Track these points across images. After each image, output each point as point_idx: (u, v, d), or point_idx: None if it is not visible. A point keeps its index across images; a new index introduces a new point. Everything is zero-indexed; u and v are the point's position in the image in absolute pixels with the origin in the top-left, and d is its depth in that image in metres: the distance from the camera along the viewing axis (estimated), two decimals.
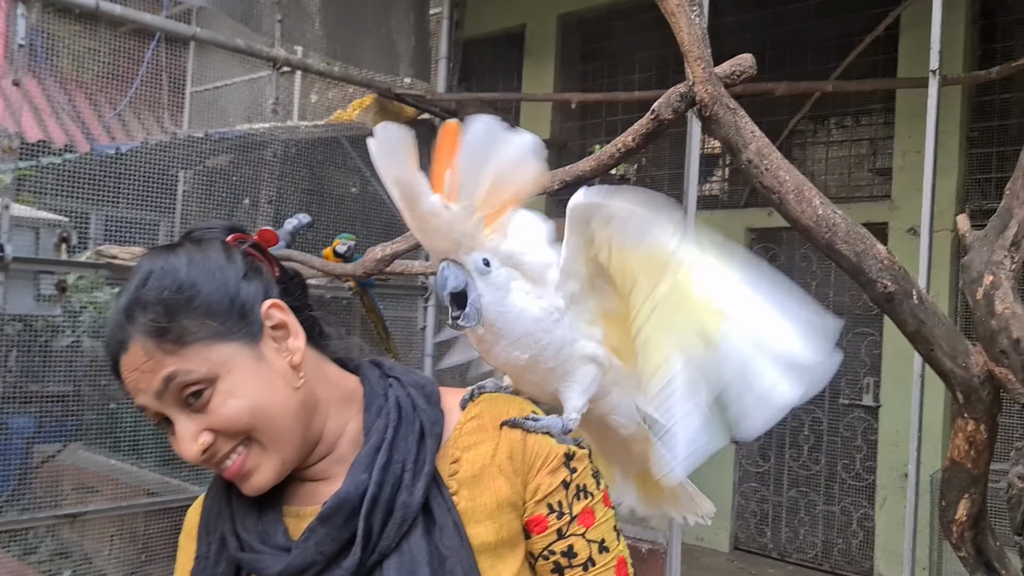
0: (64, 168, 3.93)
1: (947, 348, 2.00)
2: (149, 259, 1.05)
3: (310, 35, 5.03)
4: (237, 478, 1.04)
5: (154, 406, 1.01)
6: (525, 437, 1.09)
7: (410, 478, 1.04)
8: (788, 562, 6.15)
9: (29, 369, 3.86)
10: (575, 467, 1.10)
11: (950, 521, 2.22)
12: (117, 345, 1.01)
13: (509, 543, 1.07)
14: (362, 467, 1.04)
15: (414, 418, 1.09)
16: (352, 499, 1.02)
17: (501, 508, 1.07)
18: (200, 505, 1.17)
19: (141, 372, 1.00)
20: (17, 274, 3.73)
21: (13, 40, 3.54)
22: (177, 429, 1.01)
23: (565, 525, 1.08)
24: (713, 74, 1.98)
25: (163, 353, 0.99)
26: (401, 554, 1.01)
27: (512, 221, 1.11)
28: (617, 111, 7.11)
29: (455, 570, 1.01)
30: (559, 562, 1.08)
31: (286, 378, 1.05)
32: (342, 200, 5.13)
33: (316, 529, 1.02)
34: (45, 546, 4.37)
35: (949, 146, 5.27)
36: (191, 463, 1.03)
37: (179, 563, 1.18)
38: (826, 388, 6.03)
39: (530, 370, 1.15)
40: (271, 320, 1.06)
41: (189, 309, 1.00)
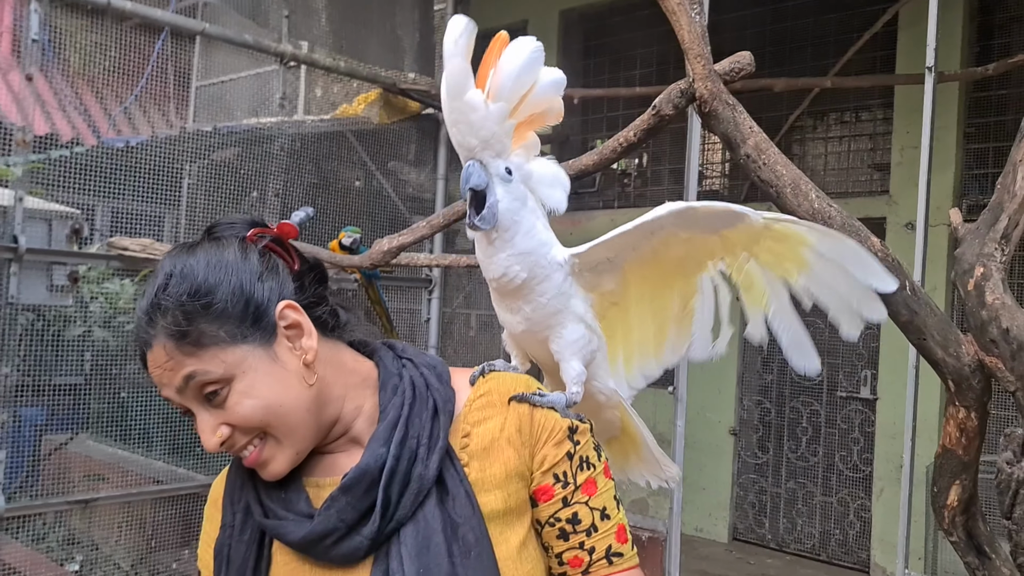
0: (73, 161, 3.99)
1: (939, 338, 2.06)
2: (170, 259, 1.11)
3: (316, 30, 5.08)
4: (255, 466, 1.11)
5: (177, 399, 1.09)
6: (532, 412, 1.16)
7: (425, 452, 1.11)
8: (786, 552, 6.22)
9: (41, 359, 3.92)
10: (578, 440, 1.17)
11: (942, 506, 2.29)
12: (143, 344, 1.09)
13: (517, 511, 1.14)
14: (380, 441, 1.10)
15: (427, 396, 1.15)
16: (372, 471, 1.08)
17: (509, 478, 1.13)
18: (224, 478, 1.24)
19: (163, 370, 1.07)
20: (30, 265, 3.80)
21: (26, 35, 3.59)
22: (199, 421, 1.09)
23: (570, 494, 1.15)
24: (713, 71, 2.04)
25: (182, 354, 1.06)
26: (417, 522, 1.08)
27: (536, 150, 1.26)
28: (619, 106, 7.16)
29: (467, 536, 1.08)
30: (564, 528, 1.15)
31: (299, 376, 1.11)
32: (347, 193, 5.19)
33: (337, 498, 1.08)
34: (54, 534, 4.43)
35: (946, 141, 5.33)
36: (212, 451, 1.11)
37: (204, 532, 1.25)
38: (824, 381, 6.10)
39: (525, 299, 1.27)
40: (285, 320, 1.12)
41: (206, 314, 1.06)
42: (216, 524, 1.20)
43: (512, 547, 1.12)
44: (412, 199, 5.58)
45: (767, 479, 6.39)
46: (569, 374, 1.31)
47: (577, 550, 1.15)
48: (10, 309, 3.70)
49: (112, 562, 4.47)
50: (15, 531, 3.97)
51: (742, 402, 6.49)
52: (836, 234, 1.38)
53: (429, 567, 1.06)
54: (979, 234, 2.10)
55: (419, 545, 1.07)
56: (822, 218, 1.98)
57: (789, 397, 6.30)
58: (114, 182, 4.13)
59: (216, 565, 1.17)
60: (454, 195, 5.66)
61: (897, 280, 1.31)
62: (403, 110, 5.45)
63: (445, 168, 5.70)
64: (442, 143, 5.69)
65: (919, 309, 2.05)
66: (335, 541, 1.08)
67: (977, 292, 2.02)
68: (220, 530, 1.18)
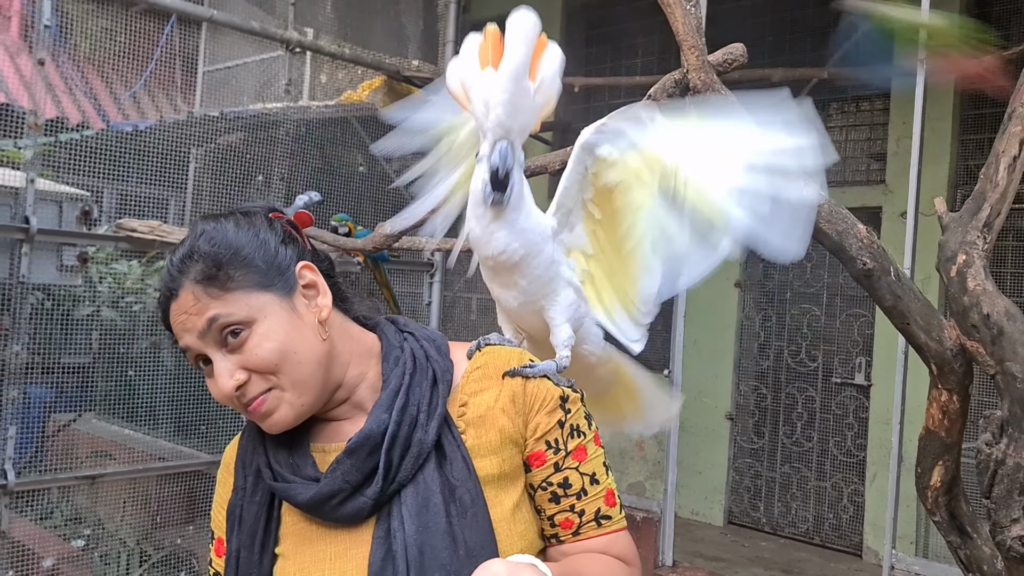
0: (83, 145, 4.05)
1: (922, 322, 2.14)
2: (203, 222, 1.20)
3: (322, 17, 5.14)
4: (259, 416, 1.17)
5: (196, 345, 1.15)
6: (525, 383, 1.23)
7: (424, 418, 1.18)
8: (780, 536, 6.30)
9: (50, 338, 3.99)
10: (569, 408, 1.24)
11: (925, 487, 2.37)
12: (169, 293, 1.16)
13: (511, 475, 1.21)
14: (383, 408, 1.18)
15: (427, 367, 1.23)
16: (375, 435, 1.16)
17: (504, 444, 1.20)
18: (236, 444, 1.31)
19: (188, 314, 1.14)
20: (41, 245, 3.87)
21: (38, 21, 3.66)
22: (216, 366, 1.15)
23: (561, 459, 1.22)
24: (706, 62, 2.11)
25: (209, 297, 1.13)
26: (416, 484, 1.16)
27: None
28: (620, 95, 7.20)
29: (464, 498, 1.15)
30: (555, 492, 1.22)
31: (314, 330, 1.19)
32: (351, 178, 5.25)
33: (343, 461, 1.15)
34: (60, 511, 4.51)
35: (942, 132, 5.38)
36: (223, 400, 1.17)
37: (217, 495, 1.32)
38: (819, 367, 6.17)
39: (521, 273, 1.33)
40: (303, 279, 1.21)
41: (235, 260, 1.15)
42: (229, 487, 1.28)
43: (506, 509, 1.18)
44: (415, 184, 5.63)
45: (762, 464, 6.47)
46: (560, 338, 1.38)
47: (568, 512, 1.22)
48: (21, 288, 3.78)
49: (117, 538, 4.54)
50: (22, 508, 4.05)
51: (739, 387, 6.57)
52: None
53: (428, 525, 1.13)
54: (962, 223, 2.17)
55: (419, 505, 1.14)
56: None
57: (785, 383, 6.38)
58: (122, 165, 4.20)
59: (228, 525, 1.25)
60: None
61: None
62: (407, 97, 5.52)
63: None
64: None
65: (903, 295, 2.12)
66: (340, 502, 1.15)
67: (959, 279, 2.09)
68: (232, 493, 1.26)
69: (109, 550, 4.50)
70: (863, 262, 2.06)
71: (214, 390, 1.17)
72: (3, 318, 3.82)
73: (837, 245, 2.06)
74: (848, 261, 2.07)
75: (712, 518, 6.58)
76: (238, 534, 1.23)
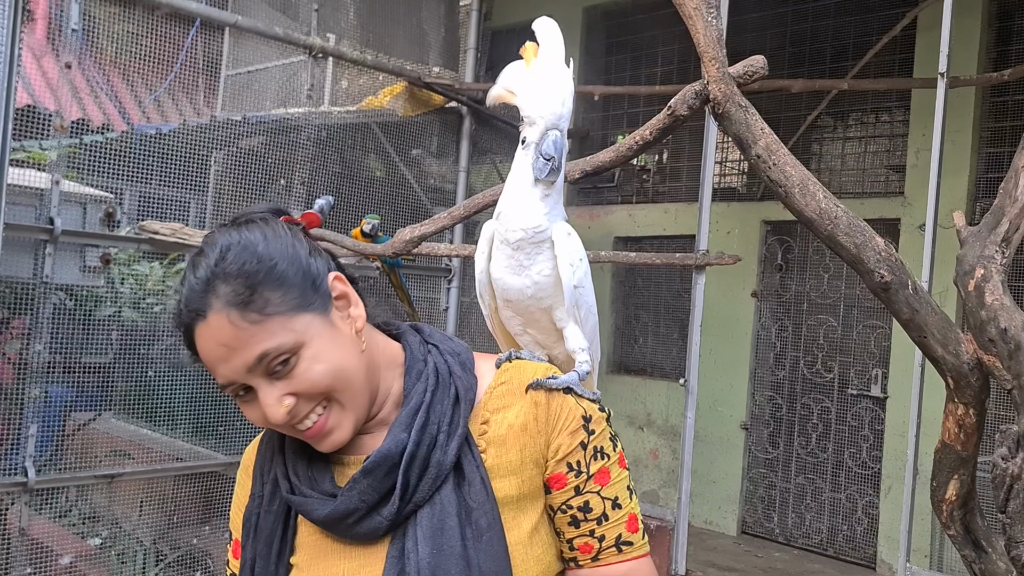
0: (106, 147, 4.10)
1: (939, 335, 2.13)
2: (222, 234, 1.12)
3: (344, 24, 5.18)
4: (318, 437, 1.13)
5: (240, 379, 1.09)
6: (548, 401, 1.19)
7: (444, 439, 1.14)
8: (794, 547, 6.28)
9: (71, 338, 4.03)
10: (593, 429, 1.20)
11: (940, 500, 2.36)
12: (193, 315, 1.08)
13: (530, 497, 1.17)
14: (402, 426, 1.14)
15: (450, 383, 1.19)
16: (392, 455, 1.12)
17: (524, 465, 1.17)
18: (256, 446, 1.29)
19: (228, 347, 1.06)
20: (65, 246, 3.93)
21: (65, 25, 3.71)
22: (262, 397, 1.09)
23: (582, 483, 1.18)
24: (727, 74, 2.12)
25: (249, 324, 1.06)
26: (433, 505, 1.12)
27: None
28: (639, 103, 7.21)
29: (480, 521, 1.12)
30: (575, 516, 1.18)
31: (354, 343, 1.15)
32: (371, 183, 5.29)
33: (359, 480, 1.12)
34: (77, 509, 4.54)
35: (961, 145, 5.36)
36: (266, 426, 1.13)
37: (236, 496, 1.31)
38: (835, 378, 6.14)
39: (546, 257, 1.33)
40: (335, 291, 1.16)
41: (270, 280, 1.08)
42: (247, 490, 1.26)
43: (524, 532, 1.16)
44: (434, 190, 5.68)
45: (777, 474, 6.45)
46: (576, 342, 1.36)
47: (587, 537, 1.18)
48: (44, 288, 3.83)
49: (134, 537, 4.57)
50: (40, 506, 4.08)
51: (754, 397, 6.55)
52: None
53: (442, 548, 1.10)
54: (980, 236, 2.17)
55: (434, 527, 1.11)
56: (828, 218, 2.05)
57: (800, 393, 6.36)
58: (145, 168, 4.25)
59: (244, 532, 1.23)
60: (475, 187, 5.75)
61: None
62: (427, 103, 5.56)
63: (467, 160, 5.80)
64: (464, 136, 5.78)
65: (920, 307, 2.12)
66: (356, 520, 1.13)
67: (977, 293, 2.08)
68: (249, 498, 1.24)
69: (126, 549, 4.53)
70: (881, 275, 2.06)
71: (254, 416, 1.12)
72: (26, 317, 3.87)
73: (855, 258, 2.06)
74: (866, 274, 2.07)
75: (726, 528, 6.56)
76: (254, 542, 1.21)
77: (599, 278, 7.13)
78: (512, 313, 1.40)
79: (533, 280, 1.33)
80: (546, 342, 1.41)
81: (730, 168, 7.07)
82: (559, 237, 1.32)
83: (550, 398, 1.19)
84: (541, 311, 1.37)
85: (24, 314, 3.86)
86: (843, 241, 2.08)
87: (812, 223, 2.10)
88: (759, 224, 6.51)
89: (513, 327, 1.42)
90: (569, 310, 1.34)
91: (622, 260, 5.21)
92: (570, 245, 1.33)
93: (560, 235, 1.32)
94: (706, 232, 4.32)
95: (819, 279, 6.29)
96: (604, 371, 7.23)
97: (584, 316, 1.37)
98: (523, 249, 1.32)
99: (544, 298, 1.35)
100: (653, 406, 6.90)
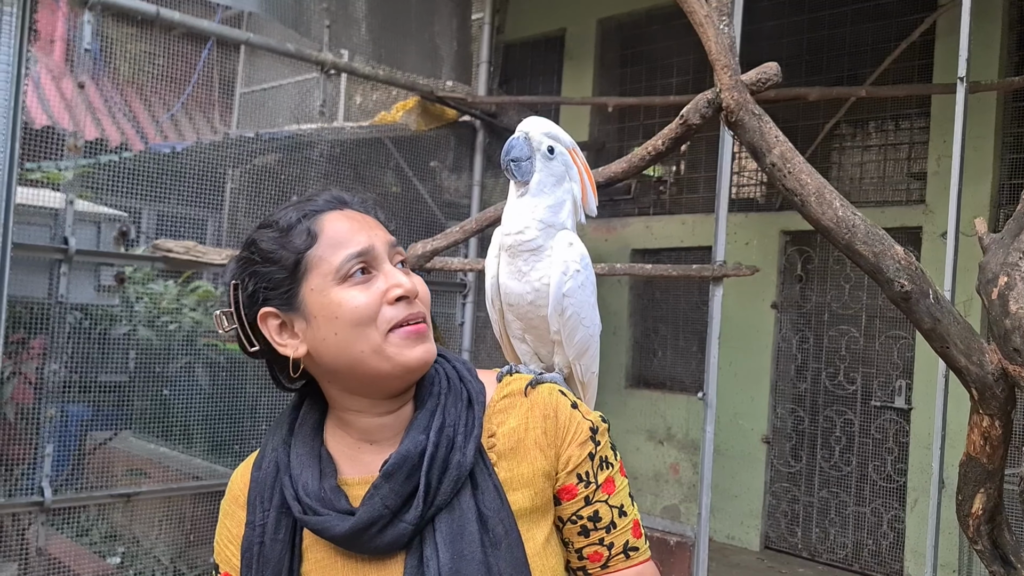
0: (121, 166, 4.12)
1: (962, 346, 2.08)
2: (363, 193, 1.29)
3: (356, 40, 5.19)
4: (421, 334, 1.17)
5: (379, 247, 1.18)
6: (556, 414, 1.21)
7: (462, 440, 1.15)
8: (818, 562, 6.18)
9: (87, 357, 4.04)
10: (599, 440, 1.23)
11: (966, 515, 2.30)
12: (337, 201, 1.22)
13: (542, 509, 1.19)
14: (419, 429, 1.15)
15: (461, 388, 1.21)
16: (412, 456, 1.12)
17: (536, 477, 1.18)
18: (242, 475, 1.26)
19: (372, 227, 1.20)
20: (80, 266, 3.94)
21: (79, 45, 3.73)
22: (389, 271, 1.17)
23: (591, 493, 1.20)
24: (739, 81, 2.09)
25: (387, 229, 1.24)
26: (452, 510, 1.13)
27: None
28: (654, 114, 7.18)
29: (496, 529, 1.13)
30: (586, 525, 1.21)
31: None
32: (384, 199, 5.29)
33: (380, 486, 1.12)
34: (97, 528, 4.54)
35: (984, 151, 5.29)
36: (374, 308, 1.14)
37: (224, 528, 1.27)
38: (858, 390, 6.06)
39: (535, 266, 1.38)
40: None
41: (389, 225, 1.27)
42: (238, 521, 1.23)
43: (538, 543, 1.17)
44: (447, 204, 5.67)
45: (800, 488, 6.36)
46: (567, 355, 1.44)
47: (597, 546, 1.21)
48: (59, 308, 3.84)
49: (152, 556, 4.57)
50: (59, 525, 4.09)
51: (775, 410, 6.47)
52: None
53: (463, 553, 1.10)
54: (1003, 244, 2.11)
55: (453, 532, 1.11)
56: (846, 226, 2.01)
57: (823, 406, 6.28)
58: (160, 186, 4.26)
59: (245, 562, 1.19)
60: (489, 200, 5.73)
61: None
62: (440, 117, 5.55)
63: (480, 174, 5.78)
64: (478, 150, 5.77)
65: (942, 317, 2.07)
66: (380, 529, 1.11)
67: (1000, 301, 2.03)
68: (246, 527, 1.20)
69: (144, 568, 4.53)
70: (900, 284, 2.01)
71: (370, 296, 1.15)
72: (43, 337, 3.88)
73: (874, 267, 2.01)
74: (885, 283, 2.02)
75: (748, 543, 6.48)
76: (259, 572, 1.18)
77: (616, 291, 7.08)
78: (513, 317, 1.46)
79: (533, 287, 1.39)
80: (541, 351, 1.46)
81: (748, 178, 7.02)
82: (559, 245, 1.37)
83: (559, 411, 1.22)
84: (540, 318, 1.41)
85: (41, 333, 3.87)
86: (861, 250, 2.04)
87: (829, 232, 2.06)
88: (778, 234, 6.44)
89: (514, 331, 1.48)
90: (552, 315, 1.39)
91: (639, 272, 5.16)
92: (567, 254, 1.38)
93: (560, 244, 1.37)
94: (723, 243, 4.27)
95: (840, 289, 6.22)
96: (622, 385, 7.18)
97: (571, 326, 1.40)
98: (521, 255, 1.39)
99: (543, 305, 1.39)
100: (673, 420, 6.83)
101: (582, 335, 1.43)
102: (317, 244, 1.15)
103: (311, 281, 1.15)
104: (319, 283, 1.14)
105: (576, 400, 1.26)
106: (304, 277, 1.15)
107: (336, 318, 1.13)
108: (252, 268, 1.18)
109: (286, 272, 1.15)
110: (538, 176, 1.38)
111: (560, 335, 1.40)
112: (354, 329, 1.13)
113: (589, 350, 1.45)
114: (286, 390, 1.28)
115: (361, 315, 1.13)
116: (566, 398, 1.25)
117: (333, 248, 1.15)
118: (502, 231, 1.40)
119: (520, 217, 1.37)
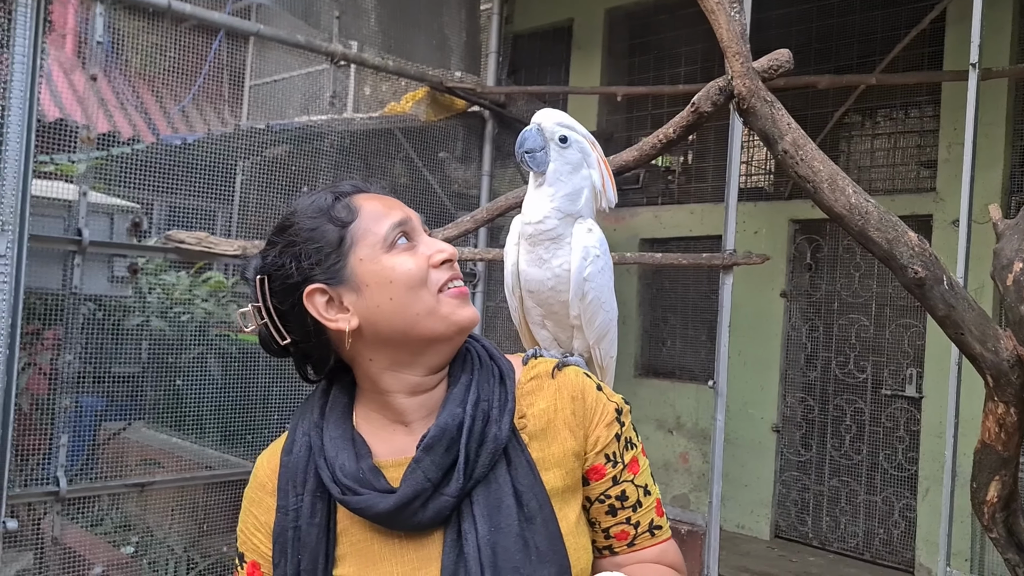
0: (133, 158, 4.13)
1: (976, 332, 2.07)
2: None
3: (366, 30, 5.19)
4: (464, 296, 1.22)
5: (413, 219, 1.23)
6: (584, 396, 1.24)
7: (497, 413, 1.17)
8: (829, 551, 6.19)
9: (101, 348, 4.06)
10: (623, 421, 1.26)
11: (981, 502, 2.30)
12: (364, 188, 1.26)
13: (572, 488, 1.22)
14: (456, 402, 1.17)
15: (491, 365, 1.24)
16: (451, 429, 1.14)
17: (567, 457, 1.21)
18: (269, 461, 1.26)
19: (400, 208, 1.23)
20: (93, 257, 3.96)
21: (91, 37, 3.74)
22: (428, 240, 1.23)
23: (619, 473, 1.24)
24: (751, 69, 2.08)
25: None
26: (488, 484, 1.15)
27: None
28: (663, 103, 7.17)
29: (531, 503, 1.15)
30: (613, 504, 1.24)
31: None
32: (394, 189, 5.28)
33: (421, 459, 1.13)
34: (110, 518, 4.57)
35: (995, 138, 5.27)
36: (422, 273, 1.18)
37: (251, 516, 1.26)
38: (868, 378, 6.05)
39: (555, 253, 1.42)
40: None
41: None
42: (266, 508, 1.23)
43: (571, 523, 1.19)
44: (457, 195, 5.67)
45: (810, 477, 6.37)
46: (587, 340, 1.47)
47: (624, 524, 1.24)
48: (73, 299, 3.86)
49: (166, 545, 4.59)
50: (74, 515, 4.11)
51: (785, 399, 6.47)
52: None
53: (500, 526, 1.12)
54: (1018, 230, 2.11)
55: (491, 506, 1.13)
56: (859, 213, 2.01)
57: (833, 394, 6.28)
58: (171, 178, 4.27)
59: (279, 548, 1.19)
60: (498, 191, 5.73)
61: None
62: (449, 108, 5.55)
63: (490, 164, 5.78)
64: (487, 140, 5.77)
65: (956, 304, 2.06)
66: (423, 503, 1.13)
67: (1016, 287, 2.03)
68: (277, 513, 1.20)
69: (157, 557, 4.55)
70: (915, 270, 2.01)
71: (416, 260, 1.19)
72: (56, 328, 3.90)
73: (887, 254, 2.01)
74: (899, 270, 2.02)
75: (758, 532, 6.49)
76: (294, 558, 1.17)
77: (626, 280, 7.08)
78: (533, 304, 1.49)
79: (554, 273, 1.43)
80: (561, 336, 1.50)
81: (757, 167, 7.00)
82: (578, 232, 1.43)
83: (585, 393, 1.25)
84: (560, 304, 1.45)
85: (55, 325, 3.90)
86: (874, 236, 2.03)
87: (842, 219, 2.05)
88: (787, 223, 6.44)
89: (534, 317, 1.51)
90: (573, 300, 1.42)
91: (648, 262, 5.16)
92: (587, 239, 1.43)
93: (580, 230, 1.43)
94: (733, 232, 4.26)
95: (850, 278, 6.21)
96: (632, 374, 7.18)
97: (592, 310, 1.45)
98: (541, 244, 1.43)
99: (563, 291, 1.44)
100: (682, 409, 6.84)
101: (602, 319, 1.47)
102: (360, 217, 1.20)
103: (359, 252, 1.18)
104: (368, 252, 1.18)
105: (600, 383, 1.29)
106: (351, 249, 1.18)
107: (391, 282, 1.17)
108: (294, 249, 1.19)
109: (332, 247, 1.18)
110: (554, 165, 1.42)
111: (580, 319, 1.44)
112: (409, 292, 1.17)
113: (609, 334, 1.49)
114: (311, 382, 1.29)
115: (413, 277, 1.17)
116: (591, 380, 1.28)
117: (376, 219, 1.20)
118: (522, 219, 1.44)
119: (539, 206, 1.41)
